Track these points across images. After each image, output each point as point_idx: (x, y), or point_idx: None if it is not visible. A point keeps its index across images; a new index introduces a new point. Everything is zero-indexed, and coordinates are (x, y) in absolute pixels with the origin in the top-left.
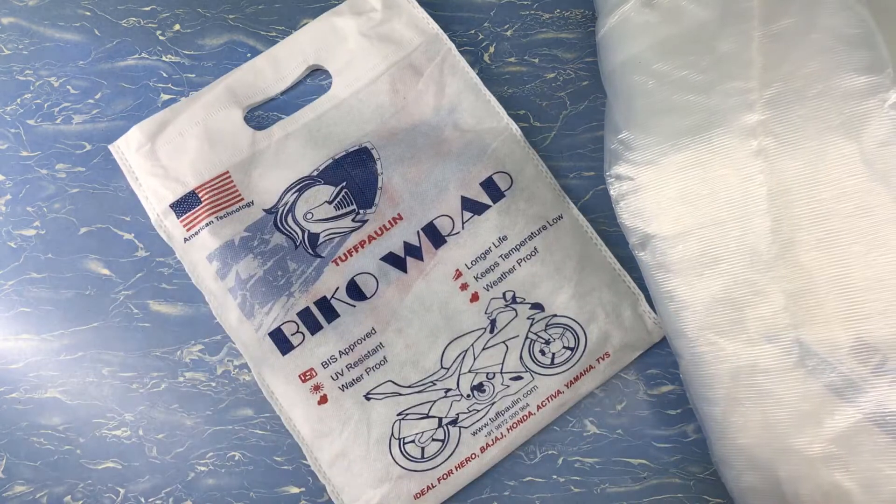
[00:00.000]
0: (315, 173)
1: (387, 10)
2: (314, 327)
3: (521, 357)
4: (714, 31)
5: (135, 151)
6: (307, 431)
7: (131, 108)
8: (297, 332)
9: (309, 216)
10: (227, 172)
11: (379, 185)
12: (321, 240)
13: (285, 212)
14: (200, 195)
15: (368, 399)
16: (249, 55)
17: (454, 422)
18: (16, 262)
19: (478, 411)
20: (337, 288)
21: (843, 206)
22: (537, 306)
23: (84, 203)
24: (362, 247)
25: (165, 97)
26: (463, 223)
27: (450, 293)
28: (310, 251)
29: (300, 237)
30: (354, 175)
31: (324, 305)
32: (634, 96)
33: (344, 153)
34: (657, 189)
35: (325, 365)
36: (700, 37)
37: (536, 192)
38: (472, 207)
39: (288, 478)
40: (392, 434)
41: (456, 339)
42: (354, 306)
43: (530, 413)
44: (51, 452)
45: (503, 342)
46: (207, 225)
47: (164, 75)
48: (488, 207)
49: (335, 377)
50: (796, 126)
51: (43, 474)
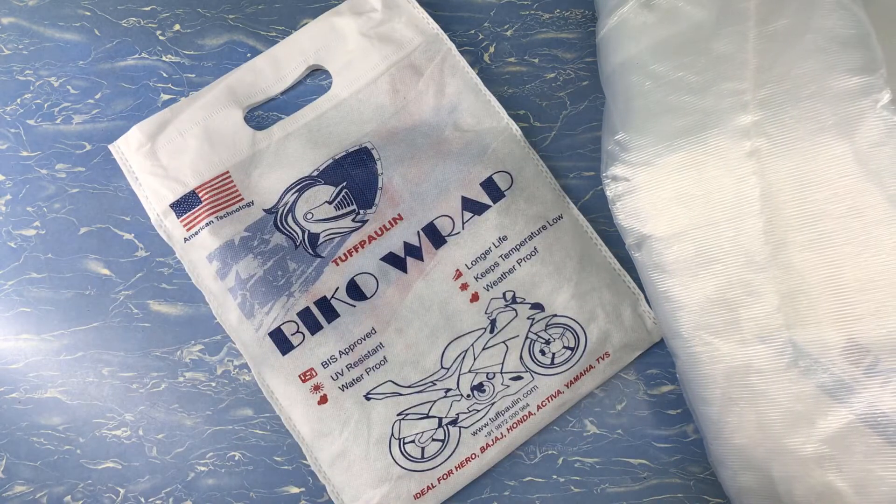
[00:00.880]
0: (315, 173)
1: (387, 10)
2: (314, 327)
3: (521, 357)
4: (710, 32)
5: (135, 151)
6: (307, 431)
7: (131, 108)
8: (297, 332)
9: (309, 216)
10: (227, 172)
11: (379, 186)
12: (321, 240)
13: (285, 212)
14: (200, 195)
15: (368, 399)
16: (249, 55)
17: (454, 422)
18: (16, 262)
19: (478, 411)
20: (337, 288)
21: (836, 207)
22: (537, 306)
23: (84, 203)
24: (362, 247)
25: (165, 97)
26: (463, 223)
27: (450, 293)
28: (310, 251)
29: (300, 237)
30: (354, 175)
31: (324, 305)
32: (632, 97)
33: (344, 153)
34: (652, 190)
35: (325, 365)
36: (696, 38)
37: (536, 192)
38: (473, 207)
39: (288, 478)
40: (392, 434)
41: (456, 339)
42: (354, 306)
43: (530, 413)
44: (51, 452)
45: (503, 342)
46: (207, 225)
47: (164, 75)
48: (488, 207)
49: (335, 377)
50: (789, 127)
51: (43, 474)
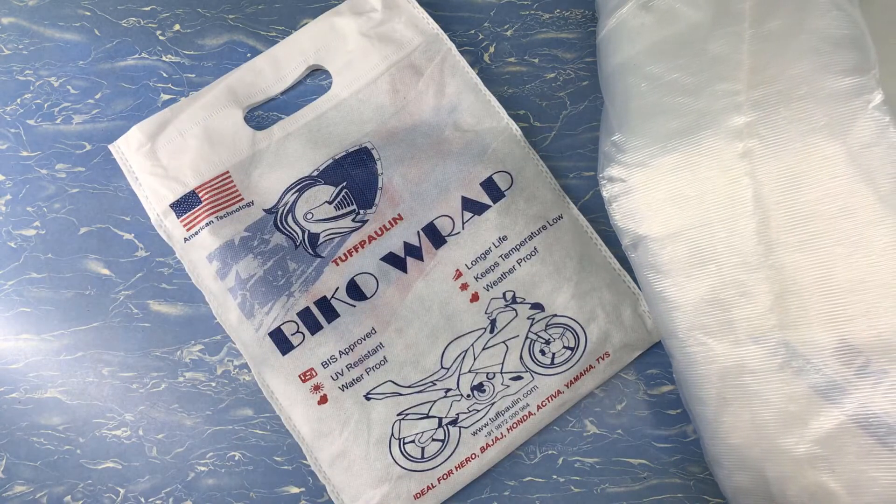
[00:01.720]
0: (315, 173)
1: (387, 10)
2: (314, 327)
3: (521, 357)
4: (706, 33)
5: (135, 151)
6: (307, 431)
7: (131, 108)
8: (297, 332)
9: (309, 216)
10: (228, 172)
11: (379, 186)
12: (321, 240)
13: (285, 212)
14: (200, 195)
15: (368, 399)
16: (249, 55)
17: (454, 422)
18: (16, 262)
19: (478, 411)
20: (337, 288)
21: (828, 208)
22: (537, 306)
23: (84, 203)
24: (362, 247)
25: (165, 97)
26: (463, 223)
27: (450, 293)
28: (310, 251)
29: (300, 237)
30: (355, 175)
31: (324, 305)
32: (628, 98)
33: (344, 153)
34: (648, 191)
35: (325, 365)
36: (692, 39)
37: (536, 192)
38: (473, 207)
39: (288, 478)
40: (392, 434)
41: (456, 339)
42: (354, 306)
43: (530, 413)
44: (51, 452)
45: (503, 342)
46: (207, 225)
47: (164, 75)
48: (488, 207)
49: (335, 377)
50: (781, 128)
51: (43, 474)
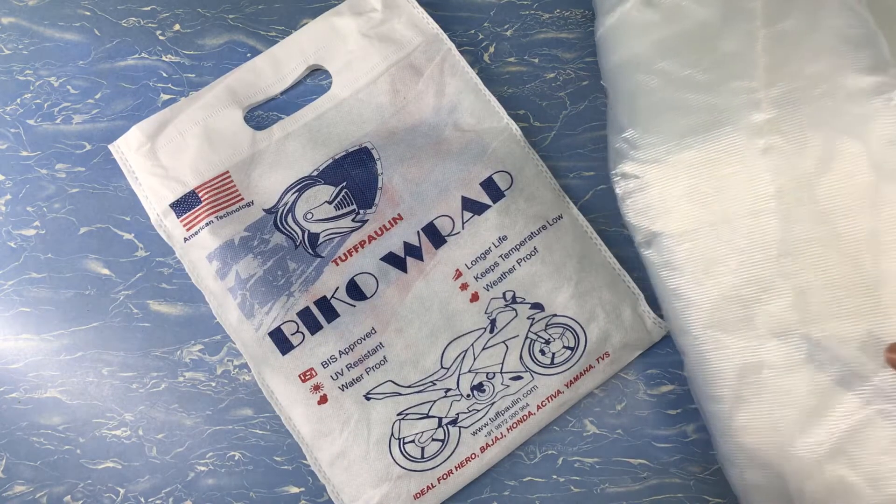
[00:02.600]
0: (315, 173)
1: (387, 10)
2: (314, 327)
3: (521, 357)
4: (717, 31)
5: (135, 151)
6: (307, 431)
7: (131, 108)
8: (297, 332)
9: (309, 216)
10: (227, 172)
11: (379, 185)
12: (321, 240)
13: (285, 212)
14: (200, 195)
15: (368, 399)
16: (249, 55)
17: (454, 422)
18: (16, 262)
19: (478, 411)
20: (337, 288)
21: (851, 204)
22: (537, 306)
23: (84, 203)
24: (362, 247)
25: (165, 97)
26: (463, 223)
27: (450, 293)
28: (310, 251)
29: (300, 237)
30: (354, 175)
31: (324, 305)
32: (637, 95)
33: (344, 153)
34: (664, 187)
35: (325, 365)
36: (703, 36)
37: (536, 192)
38: (473, 207)
39: (288, 478)
40: (392, 434)
41: (456, 339)
42: (354, 306)
43: (530, 413)
44: (51, 452)
45: (503, 342)
46: (207, 224)
47: (164, 75)
48: (488, 207)
49: (335, 377)
50: (803, 125)
51: (43, 474)
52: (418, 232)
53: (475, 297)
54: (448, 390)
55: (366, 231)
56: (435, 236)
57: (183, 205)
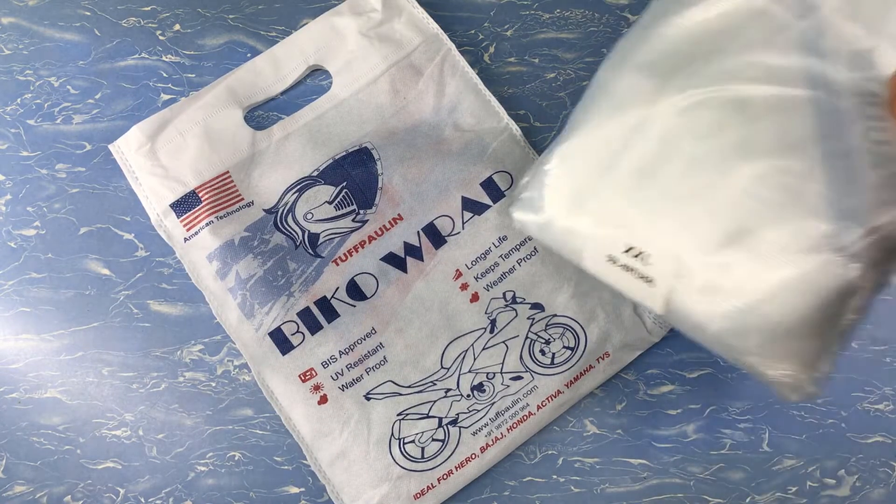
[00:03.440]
0: (315, 173)
1: (387, 10)
2: (314, 327)
3: (521, 357)
4: None
5: (135, 151)
6: (307, 431)
7: (131, 108)
8: (297, 332)
9: (309, 216)
10: (228, 172)
11: (379, 186)
12: (321, 240)
13: (285, 212)
14: (200, 195)
15: (368, 399)
16: (249, 55)
17: (454, 422)
18: (16, 262)
19: (478, 411)
20: (337, 288)
21: None
22: (537, 306)
23: (84, 203)
24: (362, 247)
25: (165, 97)
26: (463, 223)
27: (450, 293)
28: (310, 251)
29: (300, 237)
30: (354, 175)
31: (324, 305)
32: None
33: (344, 153)
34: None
35: (325, 365)
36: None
37: None
38: (473, 207)
39: (288, 478)
40: (392, 434)
41: (456, 339)
42: (354, 306)
43: (530, 413)
44: (51, 452)
45: (503, 342)
46: (207, 225)
47: (164, 75)
48: (488, 207)
49: (335, 377)
50: None
51: (43, 474)
52: (418, 232)
53: (475, 298)
54: (448, 390)
55: (366, 231)
56: (435, 236)
57: (183, 205)
